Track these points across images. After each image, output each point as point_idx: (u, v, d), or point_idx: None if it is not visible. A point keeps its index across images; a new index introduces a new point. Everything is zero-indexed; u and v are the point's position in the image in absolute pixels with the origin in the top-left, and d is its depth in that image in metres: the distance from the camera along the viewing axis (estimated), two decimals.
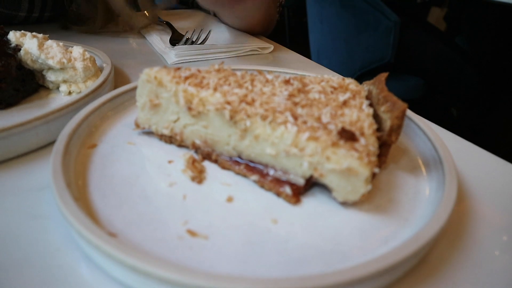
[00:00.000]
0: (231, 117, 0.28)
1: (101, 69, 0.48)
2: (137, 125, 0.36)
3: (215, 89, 0.30)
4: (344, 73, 1.72)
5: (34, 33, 0.45)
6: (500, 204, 0.31)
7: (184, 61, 0.56)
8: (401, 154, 0.35)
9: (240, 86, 0.31)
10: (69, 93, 0.44)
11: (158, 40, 0.64)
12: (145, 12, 0.74)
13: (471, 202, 0.31)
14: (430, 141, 0.33)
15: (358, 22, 1.73)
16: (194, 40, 0.60)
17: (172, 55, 0.57)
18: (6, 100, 0.40)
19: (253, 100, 0.29)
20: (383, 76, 0.35)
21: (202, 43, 0.59)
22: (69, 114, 0.36)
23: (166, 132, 0.34)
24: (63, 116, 0.36)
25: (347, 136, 0.26)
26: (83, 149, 0.33)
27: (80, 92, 0.43)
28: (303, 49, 2.00)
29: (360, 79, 1.31)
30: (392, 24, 1.61)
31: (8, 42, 0.43)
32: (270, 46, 0.62)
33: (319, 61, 1.98)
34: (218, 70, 0.34)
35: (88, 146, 0.34)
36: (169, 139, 0.34)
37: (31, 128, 0.34)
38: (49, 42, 0.44)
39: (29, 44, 0.42)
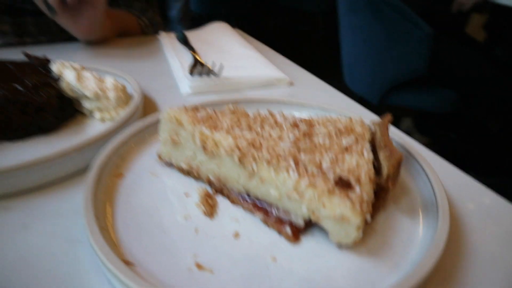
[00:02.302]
0: (240, 161, 0.32)
1: (131, 95, 0.52)
2: (160, 157, 0.39)
3: (227, 132, 0.33)
4: (376, 84, 1.72)
5: (72, 63, 0.49)
6: (501, 250, 0.32)
7: (199, 92, 0.59)
8: (403, 193, 0.37)
9: (250, 129, 0.34)
10: (102, 119, 0.48)
11: (178, 65, 0.67)
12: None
13: (472, 243, 0.32)
14: (430, 182, 0.35)
15: (390, 34, 1.72)
16: (211, 69, 0.63)
17: (187, 86, 0.60)
18: (47, 127, 0.45)
19: (261, 145, 0.32)
20: (388, 119, 0.37)
21: (214, 69, 0.62)
22: (102, 143, 0.41)
23: (184, 166, 0.37)
24: (96, 145, 0.40)
25: (343, 184, 0.29)
26: (111, 178, 0.37)
27: (112, 118, 0.48)
28: (336, 58, 1.99)
29: (392, 91, 1.31)
30: (425, 36, 1.59)
31: (50, 72, 0.48)
32: (285, 78, 0.64)
33: (351, 71, 1.98)
34: (233, 112, 0.37)
35: (116, 175, 0.38)
36: (187, 172, 0.38)
37: (68, 157, 0.38)
38: (85, 73, 0.48)
39: (68, 75, 0.47)
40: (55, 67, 0.49)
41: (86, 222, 0.29)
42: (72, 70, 0.48)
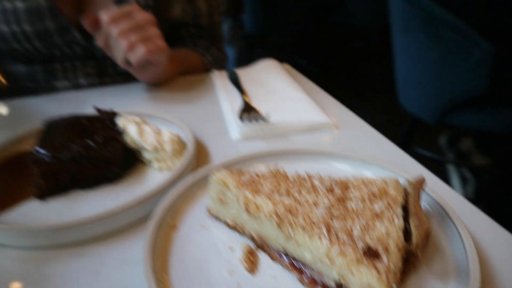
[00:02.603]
0: (278, 226, 0.35)
1: (185, 143, 0.57)
2: (209, 211, 0.44)
3: (268, 197, 0.37)
4: (433, 104, 1.68)
5: (134, 117, 0.56)
6: None
7: (247, 138, 0.63)
8: (437, 254, 0.38)
9: (288, 194, 0.38)
10: (160, 168, 0.54)
11: (229, 108, 0.72)
12: None
13: None
14: (464, 247, 0.36)
15: (447, 53, 1.68)
16: (260, 114, 0.67)
17: (237, 132, 0.64)
18: (113, 177, 0.51)
19: (297, 211, 0.35)
20: (421, 182, 0.38)
21: (263, 113, 0.66)
22: (161, 195, 0.46)
23: (230, 222, 0.41)
24: (156, 198, 0.46)
25: (371, 254, 0.31)
26: (167, 229, 0.42)
27: (168, 168, 0.53)
28: (390, 75, 1.96)
29: (450, 110, 1.28)
30: (485, 54, 1.54)
31: (116, 125, 0.55)
32: (330, 123, 0.66)
33: (405, 91, 1.94)
34: (274, 174, 0.41)
35: (171, 227, 0.43)
36: (233, 227, 0.42)
37: (131, 210, 0.44)
38: (145, 127, 0.54)
39: (131, 129, 0.53)
40: (120, 121, 0.55)
41: (145, 275, 0.34)
42: (134, 125, 0.54)
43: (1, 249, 0.43)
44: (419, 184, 0.39)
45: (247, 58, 4.35)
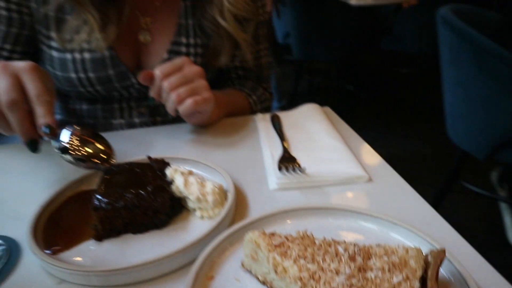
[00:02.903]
0: None
1: (226, 191, 0.62)
2: (242, 265, 0.48)
3: (294, 261, 0.41)
4: (483, 140, 1.64)
5: (181, 169, 0.62)
6: None
7: (284, 188, 0.68)
8: None
9: (313, 260, 0.41)
10: (202, 217, 0.59)
11: (269, 156, 0.76)
12: None
13: None
14: None
15: (499, 87, 1.64)
16: (298, 164, 0.71)
17: (274, 182, 0.68)
18: (160, 224, 0.57)
19: (320, 278, 0.39)
20: (441, 257, 0.41)
21: (301, 163, 0.70)
22: (201, 244, 0.51)
23: (260, 278, 0.46)
24: (197, 247, 0.51)
25: None
26: (204, 279, 0.47)
27: (210, 217, 0.59)
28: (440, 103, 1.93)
29: (502, 147, 1.26)
30: None
31: (165, 175, 0.61)
32: (364, 176, 0.69)
33: (454, 124, 1.91)
34: (302, 238, 0.45)
35: (208, 277, 0.47)
36: (263, 283, 0.46)
37: (172, 258, 0.49)
38: (191, 178, 0.60)
39: (178, 180, 0.59)
40: (168, 171, 0.62)
41: None
42: (181, 176, 0.60)
43: (64, 284, 0.50)
44: (438, 260, 0.41)
45: (294, 84, 4.41)
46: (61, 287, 0.50)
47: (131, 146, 0.86)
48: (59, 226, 0.59)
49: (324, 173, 0.69)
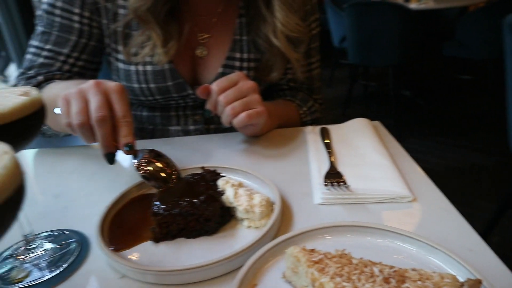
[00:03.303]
0: None
1: (273, 203, 0.66)
2: (283, 276, 0.52)
3: (331, 278, 0.44)
4: None
5: (232, 181, 0.67)
6: None
7: (328, 203, 0.70)
8: None
9: (349, 279, 0.44)
10: (249, 227, 0.64)
11: (316, 170, 0.79)
12: None
13: None
14: None
15: None
16: (344, 180, 0.73)
17: (319, 197, 0.71)
18: (210, 231, 0.63)
19: None
20: (476, 287, 0.42)
21: (347, 179, 0.72)
22: (247, 253, 0.55)
23: None
24: (241, 256, 0.55)
25: None
26: (248, 287, 0.51)
27: (256, 227, 0.63)
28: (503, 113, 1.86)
29: None
30: None
31: (217, 186, 0.67)
32: (409, 196, 0.70)
33: None
34: (340, 256, 0.48)
35: (251, 285, 0.52)
36: None
37: (220, 264, 0.54)
38: (240, 190, 0.65)
39: (229, 191, 0.64)
40: (220, 182, 0.67)
41: None
42: (231, 187, 0.65)
43: (125, 278, 0.56)
44: (475, 286, 0.43)
45: (349, 89, 4.37)
46: (122, 281, 0.56)
47: (186, 153, 0.93)
48: (122, 226, 0.66)
49: (368, 191, 0.71)
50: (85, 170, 0.90)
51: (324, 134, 0.94)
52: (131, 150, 0.70)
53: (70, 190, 0.82)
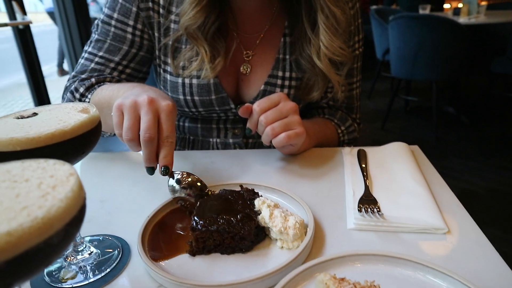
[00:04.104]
0: None
1: (306, 228, 0.68)
2: None
3: None
4: None
5: (269, 201, 0.69)
6: None
7: (361, 229, 0.71)
8: None
9: None
10: (282, 247, 0.66)
11: (351, 194, 0.80)
12: None
13: None
14: None
15: None
16: (378, 207, 0.74)
17: (352, 223, 0.72)
18: (245, 249, 0.65)
19: None
20: None
21: (381, 206, 0.73)
22: (279, 274, 0.57)
23: None
24: (274, 276, 0.57)
25: None
26: None
27: (289, 248, 0.65)
28: None
29: None
30: None
31: (253, 206, 0.69)
32: (443, 229, 0.70)
33: None
34: (369, 287, 0.49)
35: None
36: None
37: (252, 283, 0.57)
38: (276, 211, 0.67)
39: (264, 212, 0.67)
40: (257, 202, 0.69)
41: None
42: (267, 208, 0.67)
43: (161, 287, 0.60)
44: None
45: (389, 102, 4.29)
46: None
47: (225, 166, 0.96)
48: (161, 237, 0.70)
49: (402, 220, 0.71)
50: (130, 176, 0.95)
51: (361, 156, 0.95)
52: (166, 173, 0.74)
53: (115, 196, 0.87)
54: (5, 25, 3.29)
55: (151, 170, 0.76)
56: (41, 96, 3.62)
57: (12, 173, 0.38)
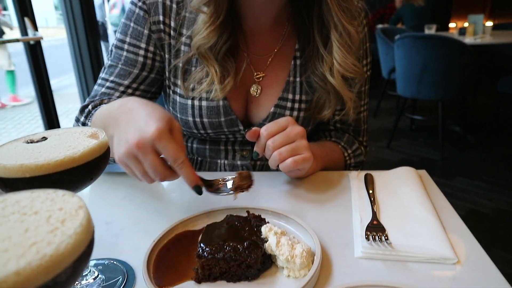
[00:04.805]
0: None
1: (313, 256, 0.67)
2: None
3: None
4: None
5: (276, 229, 0.69)
6: None
7: (368, 258, 0.70)
8: None
9: None
10: (288, 276, 0.65)
11: (358, 220, 0.79)
12: None
13: None
14: None
15: None
16: (385, 235, 0.73)
17: (360, 251, 0.71)
18: (250, 277, 0.64)
19: None
20: None
21: (389, 235, 0.72)
22: None
23: None
24: None
25: None
26: None
27: (295, 277, 0.64)
28: None
29: None
30: None
31: (260, 233, 0.69)
32: (452, 259, 0.68)
33: None
34: None
35: None
36: None
37: None
38: (283, 238, 0.66)
39: (271, 239, 0.66)
40: (264, 229, 0.69)
41: None
42: (274, 235, 0.67)
43: None
44: None
45: (395, 120, 4.29)
46: None
47: None
48: (166, 262, 0.69)
49: (410, 249, 0.70)
50: (135, 198, 0.95)
51: (369, 181, 0.94)
52: (200, 191, 0.76)
53: (120, 218, 0.87)
54: (17, 40, 3.35)
55: (197, 189, 0.76)
56: (49, 111, 3.66)
57: (21, 204, 0.38)
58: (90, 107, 1.03)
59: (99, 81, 1.08)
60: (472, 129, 4.58)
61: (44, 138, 0.62)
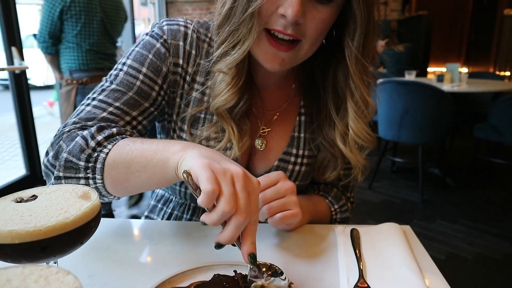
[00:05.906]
0: None
1: None
2: None
3: None
4: None
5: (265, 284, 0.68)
6: None
7: None
8: None
9: None
10: None
11: (345, 280, 0.79)
12: None
13: None
14: None
15: None
16: None
17: None
18: None
19: None
20: None
21: None
22: None
23: None
24: None
25: None
26: None
27: None
28: None
29: None
30: None
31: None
32: None
33: None
34: None
35: None
36: None
37: None
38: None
39: None
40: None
41: None
42: None
43: None
44: None
45: (377, 162, 4.36)
46: None
47: None
48: None
49: None
50: (119, 248, 0.93)
51: (355, 237, 0.95)
52: (254, 262, 0.69)
53: (104, 271, 0.85)
54: (3, 69, 3.34)
55: (220, 246, 0.69)
56: (29, 140, 3.62)
57: (12, 285, 0.37)
58: (114, 130, 0.89)
59: (95, 102, 0.95)
60: (450, 172, 4.68)
61: (34, 197, 0.62)
